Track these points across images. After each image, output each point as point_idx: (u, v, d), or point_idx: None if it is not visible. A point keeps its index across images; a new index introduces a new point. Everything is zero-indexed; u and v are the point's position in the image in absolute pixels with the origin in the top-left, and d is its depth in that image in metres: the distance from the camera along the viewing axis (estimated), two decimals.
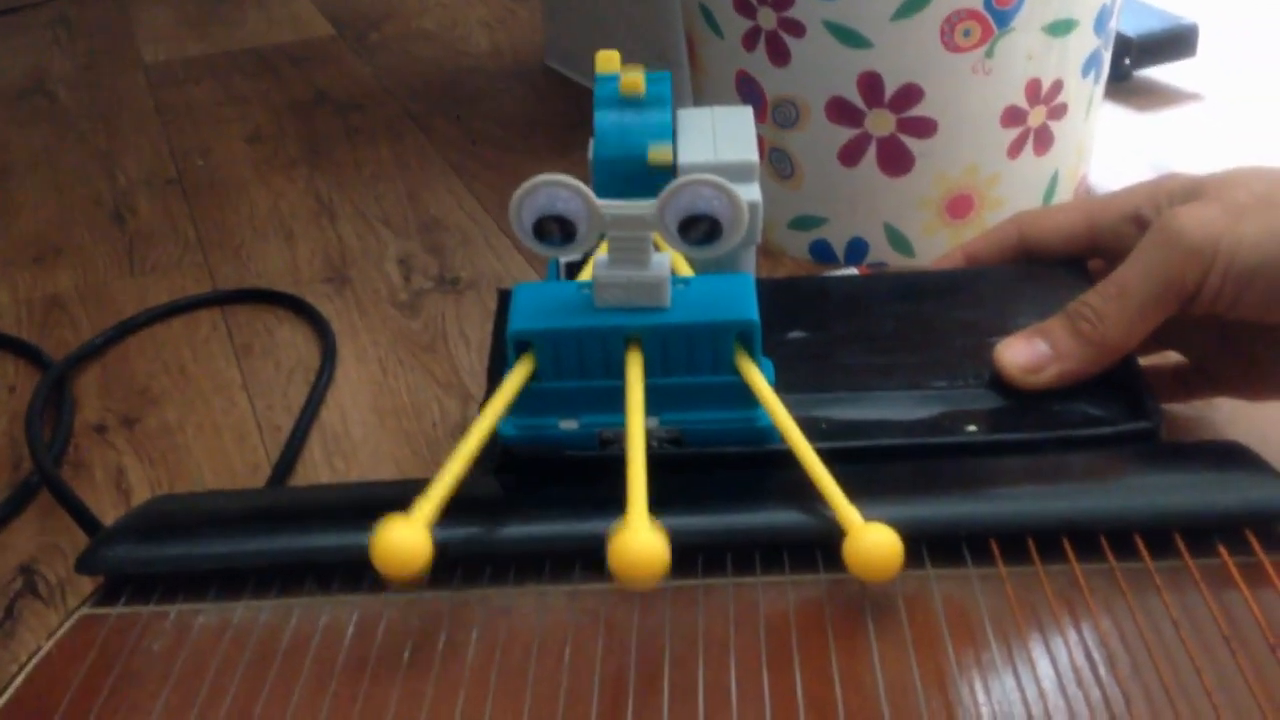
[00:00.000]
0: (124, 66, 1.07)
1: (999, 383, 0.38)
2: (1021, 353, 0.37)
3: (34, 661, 0.30)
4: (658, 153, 0.37)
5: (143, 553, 0.33)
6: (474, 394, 0.56)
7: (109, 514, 0.50)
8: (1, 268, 0.73)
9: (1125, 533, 0.30)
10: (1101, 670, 0.27)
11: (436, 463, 0.51)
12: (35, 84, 1.04)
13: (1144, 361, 0.39)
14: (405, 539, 0.28)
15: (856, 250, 0.63)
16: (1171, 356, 0.44)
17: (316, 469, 0.52)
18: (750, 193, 0.37)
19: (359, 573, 0.32)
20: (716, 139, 0.39)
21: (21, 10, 1.24)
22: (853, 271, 0.60)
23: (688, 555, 0.31)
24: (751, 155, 0.38)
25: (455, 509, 0.32)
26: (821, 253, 0.64)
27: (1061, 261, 0.42)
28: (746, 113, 0.40)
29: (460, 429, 0.54)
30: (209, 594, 0.32)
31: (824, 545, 0.30)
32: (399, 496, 0.37)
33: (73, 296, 0.69)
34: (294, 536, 0.33)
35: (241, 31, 1.13)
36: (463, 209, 0.75)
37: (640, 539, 0.27)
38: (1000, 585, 0.29)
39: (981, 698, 0.26)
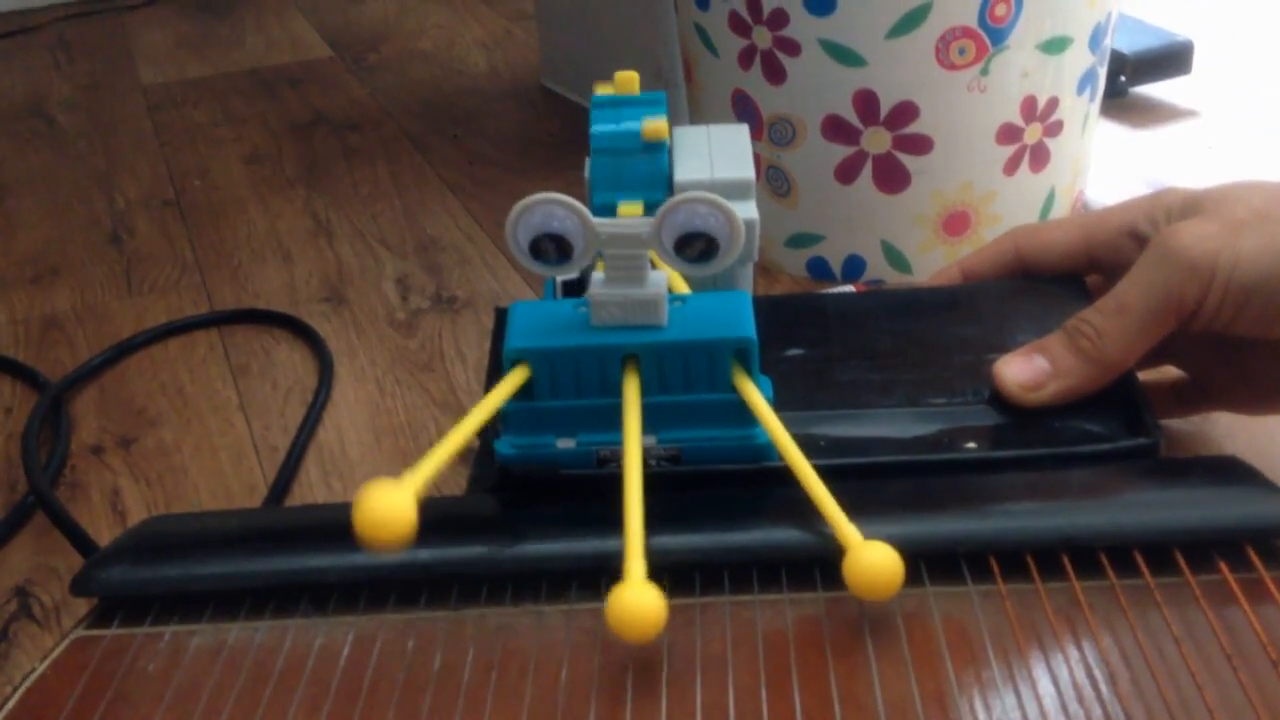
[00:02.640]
0: (123, 88, 1.07)
1: (998, 399, 0.37)
2: (1021, 370, 0.37)
3: (28, 683, 0.30)
4: (652, 126, 0.36)
5: (137, 574, 0.33)
6: None
7: (105, 535, 0.50)
8: None
9: (1125, 549, 0.30)
10: (1103, 688, 0.26)
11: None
12: (34, 105, 1.05)
13: (1142, 376, 0.39)
14: (391, 503, 0.27)
15: (853, 267, 0.63)
16: (1170, 371, 0.44)
17: (313, 489, 0.52)
18: (747, 210, 0.37)
19: (355, 593, 0.32)
20: (713, 157, 0.39)
21: (21, 33, 1.25)
22: (849, 289, 0.60)
23: (685, 574, 0.30)
24: (748, 173, 0.38)
25: (451, 528, 0.31)
26: (818, 270, 0.64)
27: (1059, 277, 0.42)
28: (742, 130, 0.40)
29: None
30: (204, 615, 0.32)
31: (822, 563, 0.30)
32: None
33: (70, 317, 0.69)
34: (289, 557, 0.33)
35: (240, 53, 1.14)
36: (460, 228, 0.75)
37: (636, 596, 0.27)
38: (1000, 603, 0.29)
39: (982, 716, 0.26)
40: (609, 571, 0.31)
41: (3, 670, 0.44)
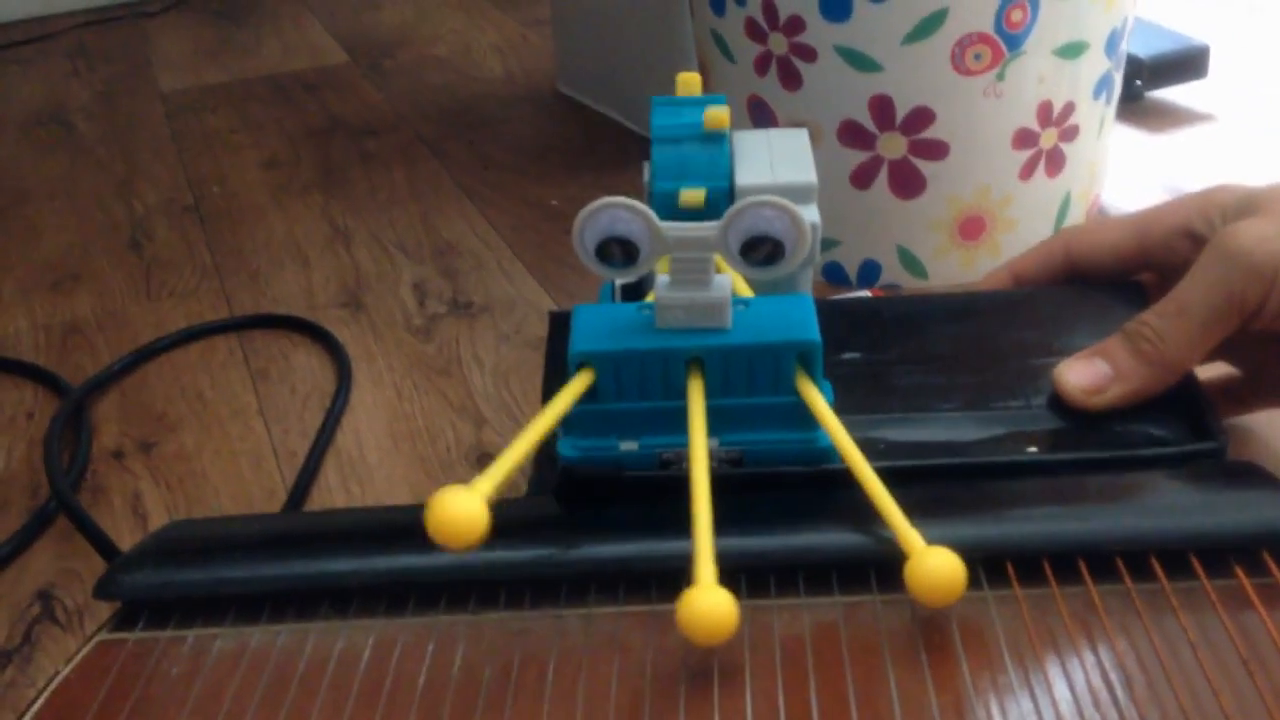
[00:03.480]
0: (141, 95, 1.08)
1: (1058, 403, 0.37)
2: (1082, 373, 0.37)
3: (52, 686, 0.31)
4: (714, 114, 0.35)
5: (160, 578, 0.33)
6: (488, 418, 0.56)
7: (126, 539, 0.50)
8: (20, 294, 0.74)
9: (1141, 554, 0.30)
10: (1119, 692, 0.26)
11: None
12: (54, 112, 1.05)
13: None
14: (462, 508, 0.28)
15: (869, 272, 0.63)
16: (1222, 369, 0.43)
17: (332, 494, 0.52)
18: (810, 214, 0.37)
19: (375, 597, 0.32)
20: (774, 161, 0.39)
21: (40, 40, 1.26)
22: (865, 294, 0.60)
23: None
24: (810, 176, 0.38)
25: (501, 530, 0.31)
26: (834, 275, 0.64)
27: (1117, 284, 0.42)
28: (802, 135, 0.40)
29: (474, 452, 0.54)
30: (226, 619, 0.32)
31: (839, 568, 0.30)
32: (415, 521, 0.37)
33: (90, 323, 0.69)
34: (310, 561, 0.33)
35: (257, 59, 1.14)
36: (476, 234, 0.75)
37: (709, 598, 0.27)
38: (1016, 607, 0.29)
39: None
40: (644, 575, 0.31)
41: (25, 673, 0.44)
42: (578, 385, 0.33)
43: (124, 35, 1.26)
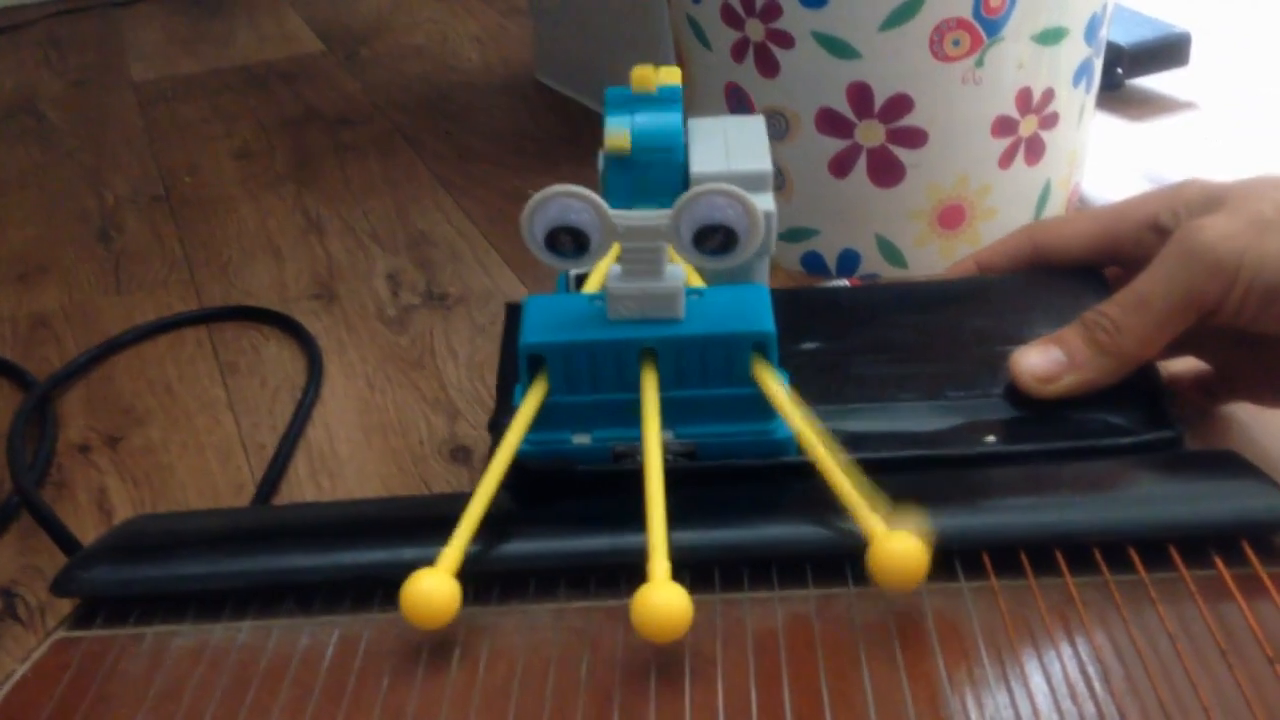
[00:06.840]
0: (113, 85, 1.07)
1: (1015, 392, 0.37)
2: (1036, 361, 0.37)
3: (8, 685, 0.30)
4: (614, 139, 0.35)
5: (119, 574, 0.32)
6: (462, 410, 0.56)
7: (91, 535, 0.49)
8: None
9: (1119, 545, 0.30)
10: (1096, 684, 0.26)
11: (423, 480, 0.51)
12: (24, 102, 1.04)
13: (1169, 367, 0.38)
14: (434, 591, 0.28)
15: (848, 262, 0.63)
16: (1194, 362, 0.43)
17: (302, 487, 0.52)
18: (764, 202, 0.36)
19: (340, 593, 0.31)
20: (729, 149, 0.38)
21: (11, 29, 1.24)
22: (844, 283, 0.60)
23: (675, 572, 0.30)
24: (765, 164, 0.37)
25: (436, 527, 0.31)
26: (813, 265, 0.64)
27: (1077, 270, 0.42)
28: (759, 122, 0.40)
29: (447, 446, 0.53)
30: (187, 615, 0.31)
31: (814, 560, 0.30)
32: (384, 515, 0.36)
33: (58, 315, 0.68)
34: (274, 556, 0.32)
35: (231, 49, 1.13)
36: (452, 224, 0.74)
37: (662, 595, 0.27)
38: (992, 599, 0.29)
39: (974, 714, 0.26)
40: (598, 570, 0.31)
41: None
42: (527, 412, 0.32)
43: (96, 24, 1.25)
